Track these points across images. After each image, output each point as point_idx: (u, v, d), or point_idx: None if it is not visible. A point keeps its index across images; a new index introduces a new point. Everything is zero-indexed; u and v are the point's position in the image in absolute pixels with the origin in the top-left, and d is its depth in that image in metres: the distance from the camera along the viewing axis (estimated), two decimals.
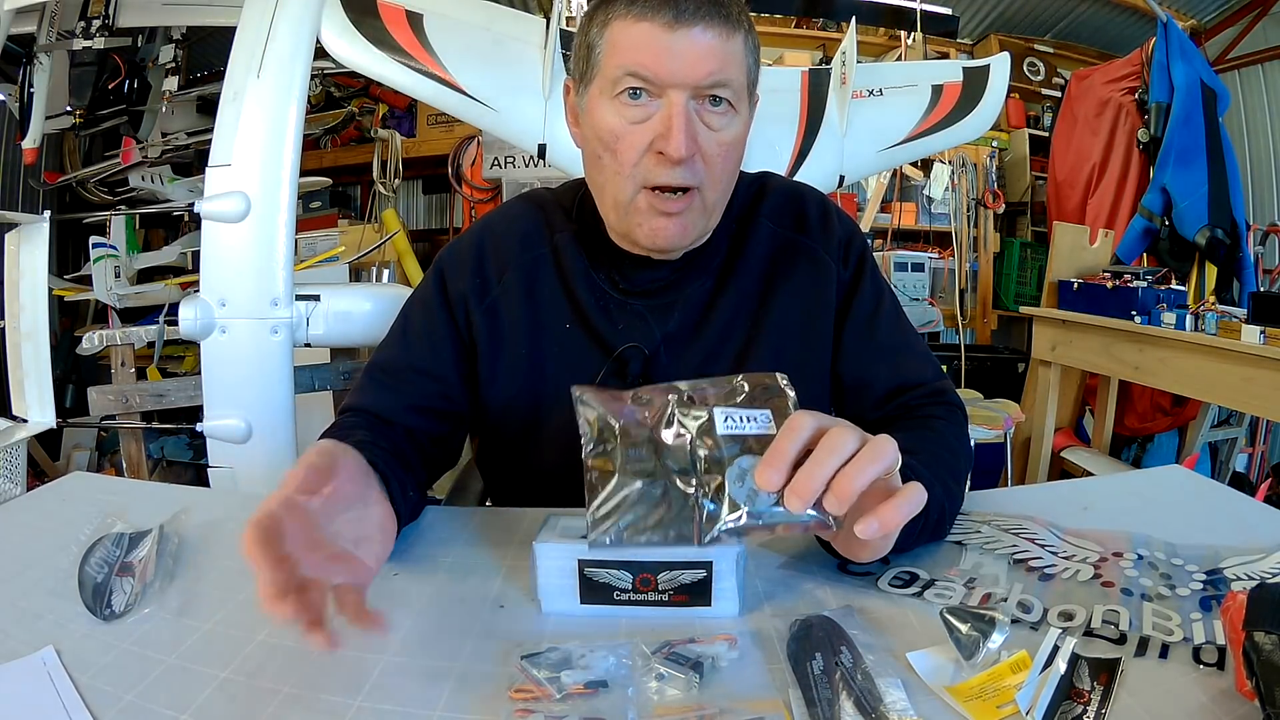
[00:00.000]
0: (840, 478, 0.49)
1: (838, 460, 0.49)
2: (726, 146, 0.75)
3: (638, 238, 0.78)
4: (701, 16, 0.70)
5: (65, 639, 0.53)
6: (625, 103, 0.73)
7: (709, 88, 0.72)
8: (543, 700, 0.45)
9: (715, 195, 0.77)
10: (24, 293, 1.64)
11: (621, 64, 0.72)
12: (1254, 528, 0.67)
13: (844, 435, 0.50)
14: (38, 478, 2.38)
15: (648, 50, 0.70)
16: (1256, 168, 3.72)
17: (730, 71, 0.72)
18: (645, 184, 0.74)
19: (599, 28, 0.74)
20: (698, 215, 0.77)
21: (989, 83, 1.87)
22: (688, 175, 0.73)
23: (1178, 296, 2.39)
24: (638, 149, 0.73)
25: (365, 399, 0.83)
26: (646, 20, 0.70)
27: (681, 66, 0.70)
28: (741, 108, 0.75)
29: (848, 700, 0.44)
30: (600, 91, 0.74)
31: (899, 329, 0.86)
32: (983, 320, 3.95)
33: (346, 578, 0.50)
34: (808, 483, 0.49)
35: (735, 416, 0.54)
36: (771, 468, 0.49)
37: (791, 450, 0.50)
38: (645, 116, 0.72)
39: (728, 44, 0.72)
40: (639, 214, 0.76)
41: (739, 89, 0.74)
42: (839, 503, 0.49)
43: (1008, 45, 3.85)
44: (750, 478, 0.50)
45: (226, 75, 1.42)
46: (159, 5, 2.55)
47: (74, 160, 3.71)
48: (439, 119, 3.84)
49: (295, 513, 0.49)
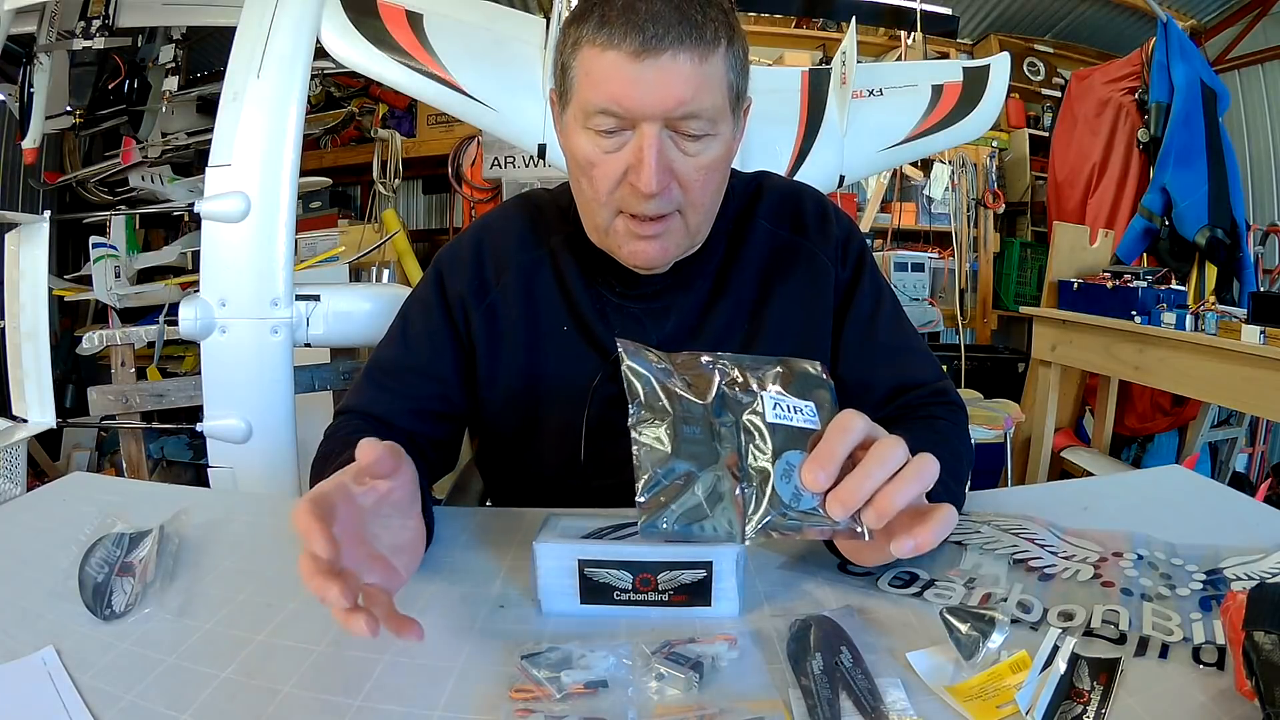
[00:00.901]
0: (883, 494, 0.49)
1: (885, 473, 0.50)
2: (705, 170, 0.72)
3: (620, 259, 0.78)
4: (671, 42, 0.66)
5: (65, 639, 0.53)
6: (598, 132, 0.71)
7: (681, 118, 0.69)
8: (543, 700, 0.45)
9: (698, 216, 0.76)
10: (24, 293, 1.64)
11: (592, 99, 0.69)
12: (1254, 528, 0.67)
13: (894, 449, 0.50)
14: (38, 478, 2.38)
15: (617, 81, 0.68)
16: (1256, 168, 3.72)
17: (704, 98, 0.69)
18: (621, 210, 0.74)
19: (571, 48, 0.71)
20: (679, 236, 0.76)
21: (989, 83, 1.87)
22: (663, 205, 0.72)
23: (1178, 296, 2.39)
24: (612, 178, 0.72)
25: (364, 400, 0.82)
26: (613, 49, 0.67)
27: (650, 97, 0.67)
28: (721, 128, 0.72)
29: (848, 700, 0.44)
30: (575, 119, 0.73)
31: (899, 329, 0.86)
32: (983, 320, 3.95)
33: (380, 580, 0.50)
34: (854, 492, 0.49)
35: (784, 405, 0.53)
36: (822, 469, 0.49)
37: (842, 452, 0.50)
38: (618, 146, 0.71)
39: (702, 67, 0.68)
40: (618, 237, 0.76)
41: (716, 111, 0.71)
42: (879, 518, 0.49)
43: (1008, 45, 3.85)
44: (797, 475, 0.50)
45: (226, 75, 1.42)
46: (159, 5, 2.55)
47: (74, 160, 3.71)
48: (439, 119, 3.84)
49: (349, 503, 0.49)
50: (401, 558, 0.55)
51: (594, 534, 0.57)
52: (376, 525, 0.54)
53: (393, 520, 0.56)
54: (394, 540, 0.55)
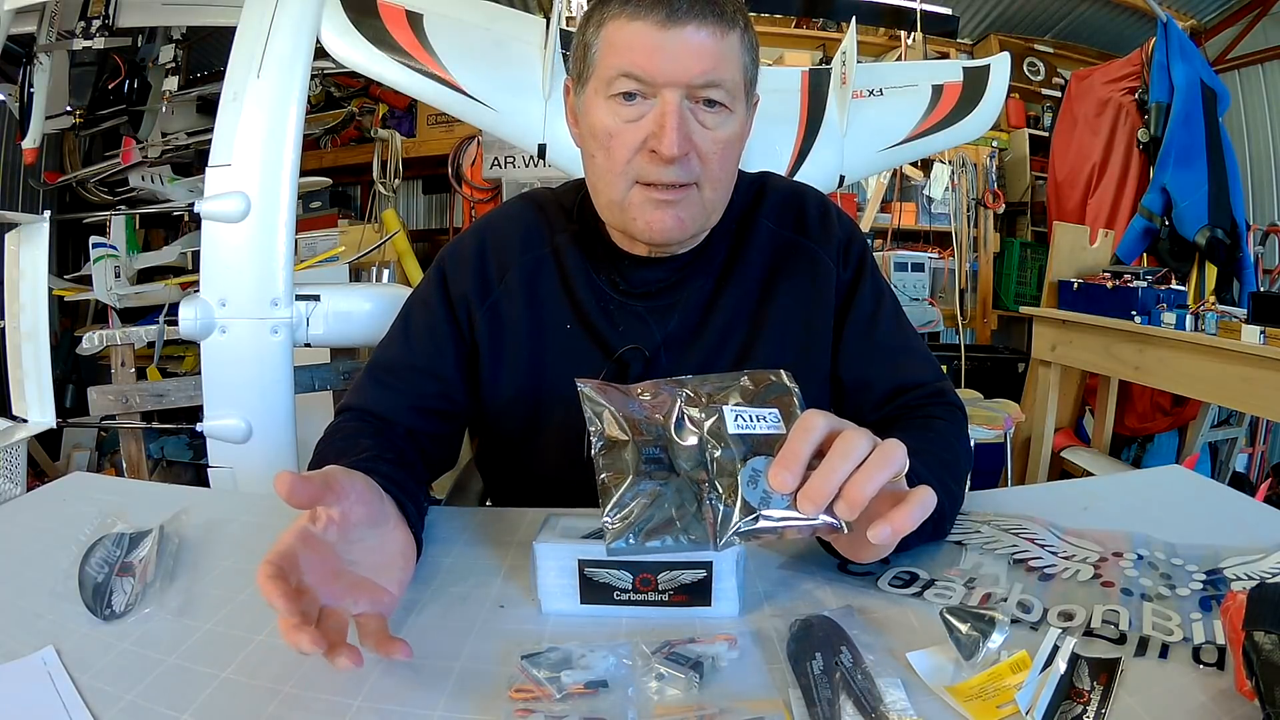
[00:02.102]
0: (852, 484, 0.49)
1: (850, 465, 0.49)
2: (722, 144, 0.74)
3: (635, 232, 0.78)
4: (695, 15, 0.70)
5: (65, 639, 0.53)
6: (620, 102, 0.73)
7: (702, 87, 0.71)
8: (543, 700, 0.45)
9: (714, 193, 0.77)
10: (24, 293, 1.64)
11: (615, 64, 0.72)
12: (1254, 528, 0.67)
13: (856, 439, 0.50)
14: (38, 478, 2.38)
15: (641, 49, 0.71)
16: (1256, 168, 3.72)
17: (724, 70, 0.72)
18: (639, 180, 0.75)
19: (595, 28, 0.74)
20: (696, 209, 0.77)
21: (989, 83, 1.87)
22: (681, 173, 0.73)
23: (1178, 296, 2.39)
24: (631, 147, 0.73)
25: (366, 398, 0.82)
26: (640, 19, 0.70)
27: (674, 65, 0.70)
28: (737, 106, 0.75)
29: (848, 700, 0.44)
30: (596, 91, 0.75)
31: (899, 329, 0.86)
32: (983, 320, 3.95)
33: (368, 606, 0.51)
34: (821, 487, 0.49)
35: (745, 415, 0.53)
36: (786, 470, 0.49)
37: (805, 451, 0.50)
38: (639, 115, 0.73)
39: (722, 42, 0.71)
40: (634, 208, 0.76)
41: (734, 87, 0.73)
42: (850, 509, 0.49)
43: (1008, 45, 3.85)
44: (763, 479, 0.50)
45: (226, 75, 1.42)
46: (159, 5, 2.55)
47: (74, 160, 3.71)
48: (439, 119, 3.84)
49: (311, 544, 0.50)
50: (389, 574, 0.55)
51: (594, 534, 0.57)
52: (352, 552, 0.54)
53: (368, 539, 0.55)
54: (375, 560, 0.55)
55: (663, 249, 0.81)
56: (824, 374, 0.85)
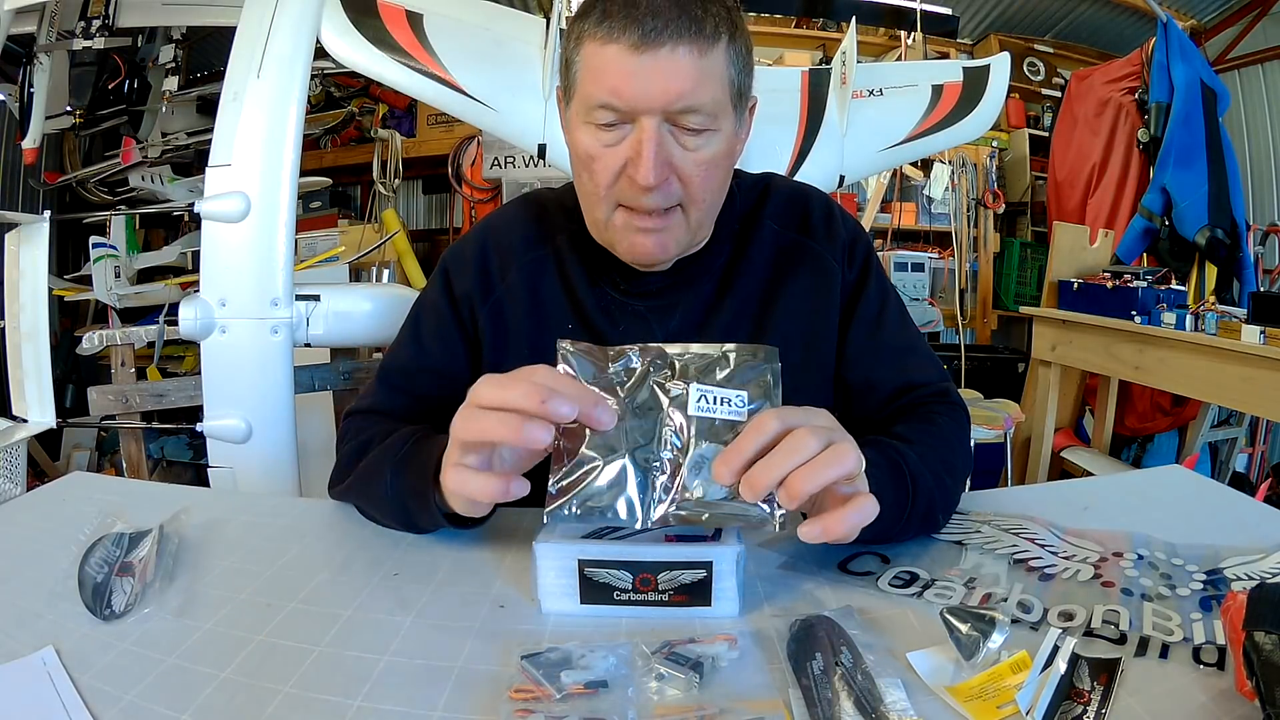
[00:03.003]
0: (794, 476, 0.50)
1: (796, 460, 0.50)
2: (705, 165, 0.73)
3: (619, 254, 0.79)
4: (671, 35, 0.67)
5: (65, 639, 0.53)
6: (599, 128, 0.72)
7: (680, 112, 0.69)
8: (543, 700, 0.45)
9: (699, 212, 0.76)
10: (24, 293, 1.64)
11: (592, 92, 0.70)
12: (1254, 528, 0.67)
13: (806, 438, 0.51)
14: (38, 478, 2.38)
15: (616, 75, 0.68)
16: (1256, 168, 3.73)
17: (704, 92, 0.69)
18: (620, 203, 0.74)
19: (574, 43, 0.72)
20: (680, 232, 0.76)
21: (989, 83, 1.87)
22: (661, 199, 0.72)
23: (1178, 296, 2.39)
24: (612, 170, 0.72)
25: (379, 402, 0.83)
26: (614, 42, 0.68)
27: (650, 90, 0.68)
28: (722, 124, 0.73)
29: (848, 700, 0.44)
30: (577, 113, 0.74)
31: (904, 330, 0.86)
32: (983, 320, 3.95)
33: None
34: (763, 476, 0.50)
35: (709, 396, 0.54)
36: (727, 465, 0.51)
37: (750, 451, 0.51)
38: (618, 140, 0.71)
39: (701, 61, 0.68)
40: (617, 231, 0.76)
41: (715, 107, 0.71)
42: (789, 499, 0.50)
43: (1008, 45, 3.85)
44: (708, 468, 0.52)
45: (226, 75, 1.42)
46: (159, 5, 2.55)
47: (74, 160, 3.71)
48: (439, 119, 3.84)
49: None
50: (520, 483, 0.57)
51: (594, 534, 0.57)
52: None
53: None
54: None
55: (648, 268, 0.81)
56: (828, 375, 0.85)
